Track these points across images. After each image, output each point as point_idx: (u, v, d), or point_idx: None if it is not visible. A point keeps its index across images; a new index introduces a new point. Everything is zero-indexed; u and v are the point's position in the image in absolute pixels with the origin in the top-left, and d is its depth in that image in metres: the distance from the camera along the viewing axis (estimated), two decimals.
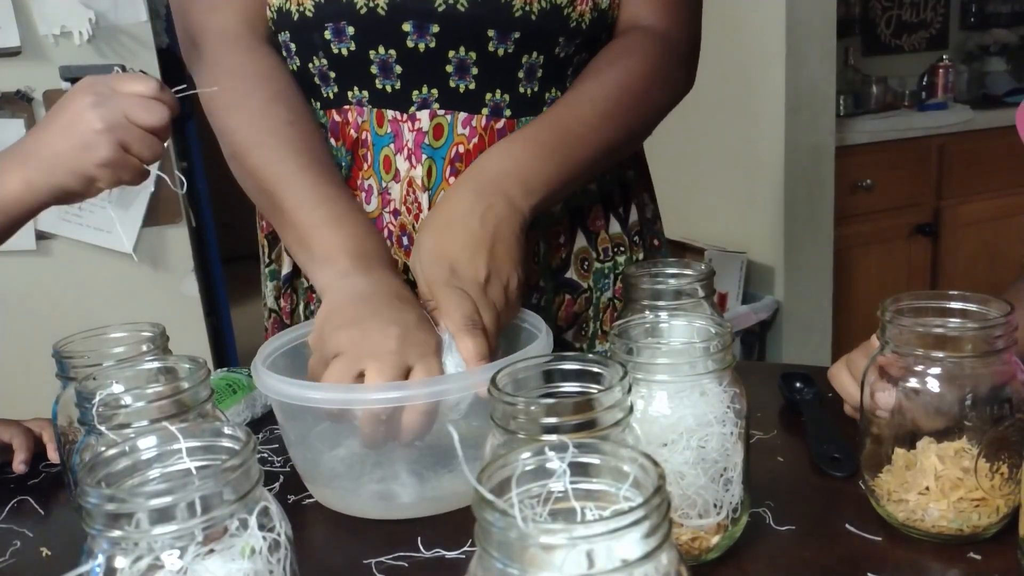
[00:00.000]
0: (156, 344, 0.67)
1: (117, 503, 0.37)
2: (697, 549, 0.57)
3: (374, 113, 0.82)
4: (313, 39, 0.80)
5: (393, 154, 0.82)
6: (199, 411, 0.54)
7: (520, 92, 0.82)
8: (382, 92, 0.81)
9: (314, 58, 0.82)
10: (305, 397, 0.63)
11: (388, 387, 0.62)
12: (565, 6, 0.80)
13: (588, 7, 0.81)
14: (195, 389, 0.54)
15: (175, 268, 2.12)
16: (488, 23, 0.78)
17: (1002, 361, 0.56)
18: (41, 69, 1.91)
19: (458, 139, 0.81)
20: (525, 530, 0.30)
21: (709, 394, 0.55)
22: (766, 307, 2.40)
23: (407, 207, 0.83)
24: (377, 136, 0.83)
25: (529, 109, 0.83)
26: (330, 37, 0.79)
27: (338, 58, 0.80)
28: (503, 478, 0.35)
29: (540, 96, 0.83)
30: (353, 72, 0.81)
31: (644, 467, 0.35)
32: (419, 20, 0.77)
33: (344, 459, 0.71)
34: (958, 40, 3.40)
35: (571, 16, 0.81)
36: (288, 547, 0.42)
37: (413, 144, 0.82)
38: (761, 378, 0.88)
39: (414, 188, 0.82)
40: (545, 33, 0.80)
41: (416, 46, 0.78)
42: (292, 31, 0.81)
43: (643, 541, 0.31)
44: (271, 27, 0.83)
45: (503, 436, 0.47)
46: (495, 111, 0.82)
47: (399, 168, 0.82)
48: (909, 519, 0.58)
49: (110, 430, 0.51)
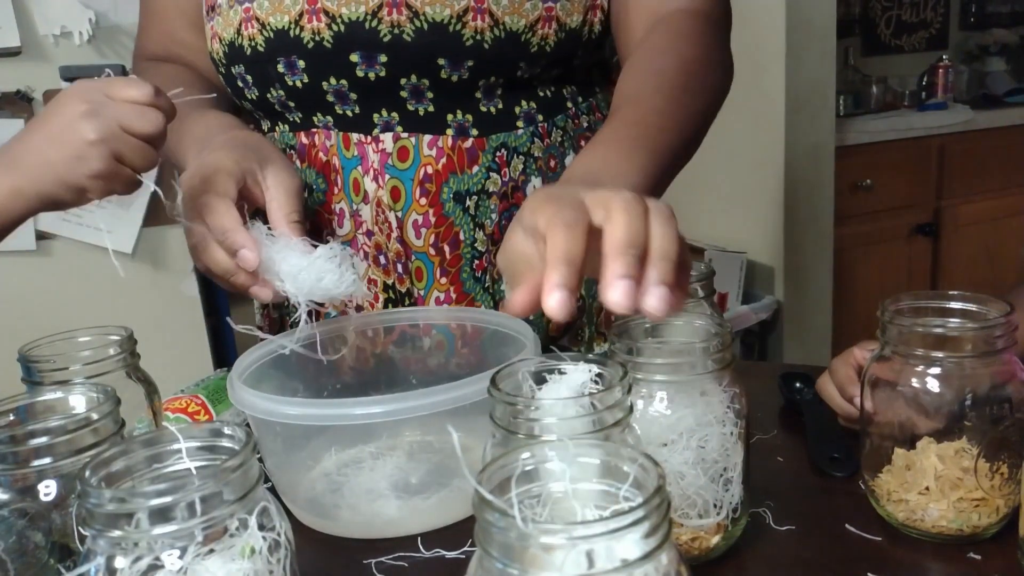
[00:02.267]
0: (123, 348, 0.66)
1: (117, 503, 0.37)
2: (697, 549, 0.57)
3: (341, 136, 0.83)
4: (268, 72, 0.82)
5: (361, 176, 0.83)
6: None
7: (483, 111, 0.82)
8: (344, 116, 0.82)
9: (271, 89, 0.83)
10: (282, 413, 0.61)
11: (368, 402, 0.60)
12: (523, 32, 0.78)
13: (552, 30, 0.79)
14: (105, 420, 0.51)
15: (175, 268, 2.12)
16: (437, 52, 0.77)
17: (1002, 361, 0.56)
18: (41, 69, 1.91)
19: (425, 160, 0.82)
20: (525, 530, 0.30)
21: (709, 394, 0.55)
22: (766, 307, 2.40)
23: (379, 227, 0.84)
24: (345, 159, 0.84)
25: (499, 126, 0.83)
26: (283, 70, 0.80)
27: (294, 89, 0.81)
28: (503, 478, 0.35)
29: (509, 110, 0.83)
30: (311, 101, 0.82)
31: (644, 467, 0.35)
32: (366, 51, 0.78)
33: (322, 480, 0.69)
34: (958, 40, 3.40)
35: (531, 42, 0.79)
36: (288, 547, 0.42)
37: (379, 164, 0.82)
38: (761, 378, 0.88)
39: (382, 207, 0.83)
40: (502, 60, 0.79)
41: (366, 75, 0.79)
42: (246, 64, 0.83)
43: (643, 541, 0.31)
44: (221, 61, 0.84)
45: (502, 436, 0.47)
46: (460, 131, 0.82)
47: (367, 189, 0.83)
48: (909, 519, 0.58)
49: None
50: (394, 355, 0.82)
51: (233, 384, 0.66)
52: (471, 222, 0.83)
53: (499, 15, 0.77)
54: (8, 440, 0.50)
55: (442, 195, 0.82)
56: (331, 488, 0.68)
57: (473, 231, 0.83)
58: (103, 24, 1.92)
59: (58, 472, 0.49)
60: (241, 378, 0.68)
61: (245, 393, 0.64)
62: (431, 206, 0.82)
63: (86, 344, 0.68)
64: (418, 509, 0.65)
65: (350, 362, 0.81)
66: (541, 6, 0.79)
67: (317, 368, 0.78)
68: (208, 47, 0.85)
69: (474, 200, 0.83)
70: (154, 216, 2.04)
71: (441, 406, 0.60)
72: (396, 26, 0.76)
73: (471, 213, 0.83)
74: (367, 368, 0.81)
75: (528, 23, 0.78)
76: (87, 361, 0.65)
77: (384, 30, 0.76)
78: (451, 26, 0.76)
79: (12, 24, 1.87)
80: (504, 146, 0.83)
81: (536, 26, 0.79)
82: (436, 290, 0.84)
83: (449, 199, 0.82)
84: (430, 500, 0.65)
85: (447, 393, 0.60)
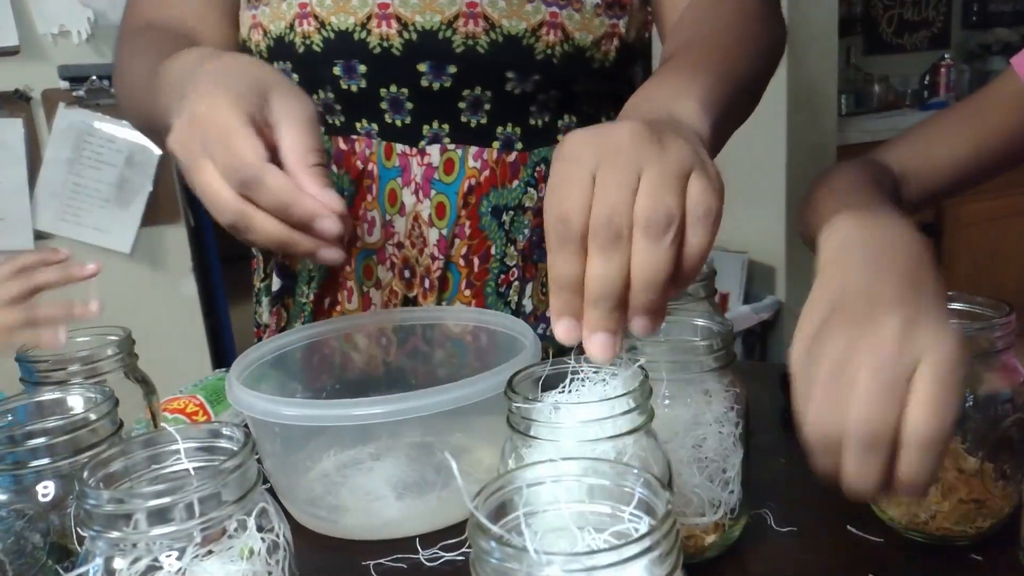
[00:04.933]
0: (121, 348, 0.66)
1: (115, 504, 0.37)
2: (692, 548, 0.56)
3: (383, 146, 0.81)
4: (320, 73, 0.78)
5: (400, 188, 0.81)
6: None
7: (531, 124, 0.81)
8: (391, 126, 0.80)
9: (319, 90, 0.79)
10: (281, 414, 0.61)
11: (367, 403, 0.59)
12: (589, 48, 0.78)
13: (613, 47, 0.79)
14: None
15: (174, 268, 2.12)
16: (508, 66, 0.77)
17: (1002, 361, 0.56)
18: (39, 68, 1.91)
19: (470, 172, 0.80)
20: (527, 560, 0.28)
21: (710, 393, 0.55)
22: (768, 307, 2.39)
23: (411, 240, 0.82)
24: (384, 169, 0.81)
25: (541, 140, 0.82)
26: (340, 73, 0.77)
27: (347, 93, 0.79)
28: (500, 501, 0.34)
29: (552, 125, 0.82)
30: (362, 106, 0.80)
31: (651, 487, 0.33)
32: (436, 61, 0.76)
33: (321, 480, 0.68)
34: (960, 39, 3.40)
35: (594, 57, 0.79)
36: (287, 548, 0.42)
37: (422, 179, 0.80)
38: (762, 378, 0.87)
39: (420, 223, 0.81)
40: (566, 74, 0.79)
41: (430, 85, 0.77)
42: (295, 63, 0.79)
43: (652, 569, 0.29)
44: (262, 54, 0.79)
45: (519, 440, 0.46)
46: (506, 144, 0.81)
47: (405, 202, 0.81)
48: (912, 522, 0.58)
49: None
50: (394, 355, 0.82)
51: (232, 384, 0.65)
52: (504, 237, 0.82)
53: (571, 30, 0.77)
54: (6, 440, 0.50)
55: (480, 208, 0.81)
56: (330, 489, 0.68)
57: (505, 246, 0.82)
58: (101, 23, 1.92)
59: (56, 473, 0.49)
60: (240, 378, 0.67)
61: (243, 394, 0.64)
62: (469, 219, 0.81)
63: (84, 344, 0.68)
64: (417, 510, 0.65)
65: (350, 363, 0.81)
66: (607, 23, 0.79)
67: (316, 368, 0.77)
68: (242, 35, 0.81)
69: (511, 215, 0.82)
70: (152, 216, 2.04)
71: (441, 406, 0.59)
72: (471, 37, 0.75)
73: (506, 228, 0.82)
74: (366, 369, 0.81)
75: (595, 39, 0.78)
76: (86, 361, 0.64)
77: (458, 41, 0.75)
78: (525, 39, 0.76)
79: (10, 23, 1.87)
80: (545, 161, 0.82)
81: (601, 42, 0.79)
82: (459, 300, 0.83)
83: (487, 212, 0.81)
84: (430, 501, 0.65)
85: (447, 394, 0.60)
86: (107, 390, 0.54)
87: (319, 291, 0.86)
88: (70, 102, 1.91)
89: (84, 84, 1.89)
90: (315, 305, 0.87)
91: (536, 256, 0.84)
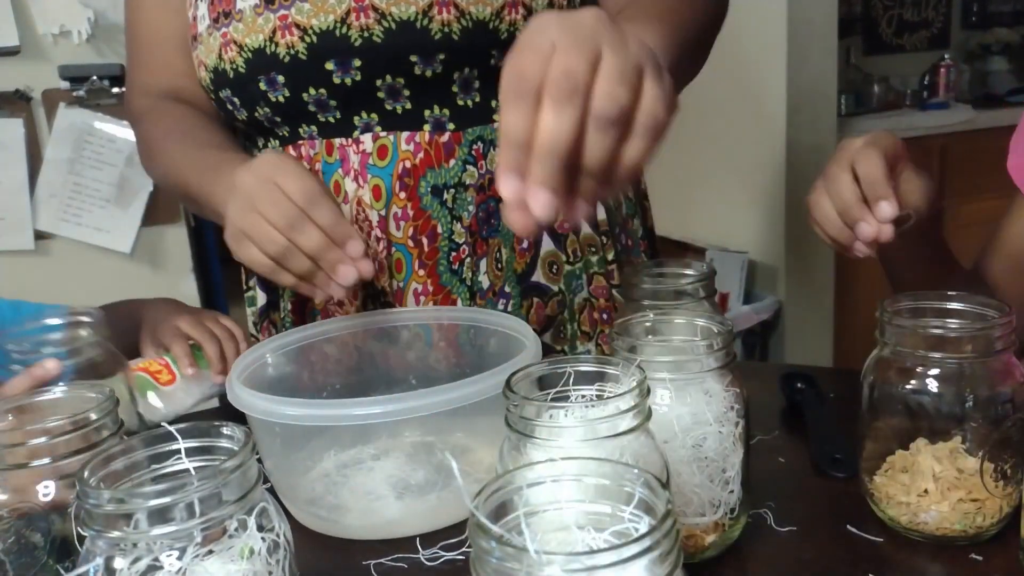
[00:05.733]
0: (95, 330, 0.67)
1: (116, 504, 0.37)
2: (692, 548, 0.56)
3: (324, 144, 0.85)
4: (251, 91, 0.83)
5: (341, 177, 0.84)
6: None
7: (460, 104, 0.83)
8: (326, 124, 0.84)
9: (257, 107, 0.84)
10: (281, 413, 0.61)
11: (368, 402, 0.59)
12: (490, 19, 0.79)
13: (520, 15, 0.80)
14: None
15: (174, 268, 2.11)
16: (408, 50, 0.78)
17: (1002, 362, 0.56)
18: (40, 68, 1.91)
19: (403, 155, 0.83)
20: (527, 560, 0.28)
21: (710, 393, 0.55)
22: (768, 307, 2.39)
23: (359, 225, 0.85)
24: (327, 164, 0.85)
25: (474, 119, 0.84)
26: (265, 88, 0.82)
27: (277, 104, 0.83)
28: (500, 501, 0.34)
29: (485, 104, 0.84)
30: (295, 114, 0.83)
31: (651, 488, 0.33)
32: (339, 58, 0.79)
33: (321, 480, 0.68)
34: (960, 39, 3.40)
35: (499, 28, 0.79)
36: (287, 548, 0.42)
37: (359, 165, 0.83)
38: (762, 378, 0.87)
39: (363, 206, 0.84)
40: (473, 49, 0.80)
41: (343, 81, 0.80)
42: (231, 87, 0.84)
43: (652, 569, 0.29)
44: (209, 87, 0.86)
45: (517, 440, 0.46)
46: (437, 125, 0.83)
47: (347, 190, 0.84)
48: (911, 522, 0.58)
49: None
50: (394, 356, 0.82)
51: (232, 384, 0.66)
52: (448, 215, 0.84)
53: (464, 6, 0.78)
54: (7, 440, 0.49)
55: (419, 189, 0.83)
56: (330, 489, 0.68)
57: (451, 223, 0.84)
58: (102, 23, 1.92)
59: (57, 472, 0.49)
60: (240, 378, 0.68)
61: (244, 393, 0.64)
62: (409, 200, 0.83)
63: (55, 327, 0.70)
64: (418, 510, 0.65)
65: (350, 363, 0.81)
66: None
67: (316, 368, 0.77)
68: (209, 62, 0.86)
69: (451, 193, 0.84)
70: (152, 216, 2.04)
71: (441, 406, 0.59)
72: (365, 30, 0.77)
73: (448, 206, 0.84)
74: (367, 369, 0.81)
75: (494, 10, 0.79)
76: (59, 343, 0.66)
77: (354, 35, 0.78)
78: (418, 22, 0.77)
79: (11, 23, 1.87)
80: (480, 139, 0.84)
81: (503, 12, 0.79)
82: (415, 282, 0.85)
83: (427, 192, 0.83)
84: (430, 501, 0.65)
85: (447, 393, 0.60)
86: (108, 390, 0.54)
87: (295, 298, 0.90)
88: (70, 102, 1.91)
89: (84, 84, 1.89)
90: (294, 314, 0.90)
91: (485, 232, 0.86)
